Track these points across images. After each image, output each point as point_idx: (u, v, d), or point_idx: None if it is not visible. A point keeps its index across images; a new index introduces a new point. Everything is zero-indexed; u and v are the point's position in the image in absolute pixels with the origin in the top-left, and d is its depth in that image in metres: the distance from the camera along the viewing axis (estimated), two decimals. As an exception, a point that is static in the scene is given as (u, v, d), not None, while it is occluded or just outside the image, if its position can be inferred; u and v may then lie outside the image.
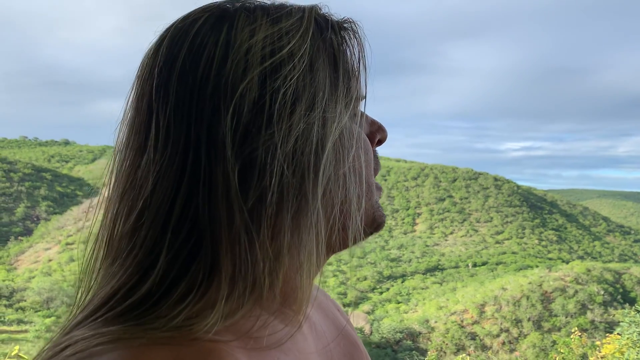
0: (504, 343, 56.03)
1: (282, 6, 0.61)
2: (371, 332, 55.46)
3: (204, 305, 0.51)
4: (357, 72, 0.63)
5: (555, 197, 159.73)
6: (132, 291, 0.53)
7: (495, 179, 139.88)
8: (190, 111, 0.53)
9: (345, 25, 0.64)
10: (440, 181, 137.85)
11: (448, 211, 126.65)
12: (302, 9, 0.61)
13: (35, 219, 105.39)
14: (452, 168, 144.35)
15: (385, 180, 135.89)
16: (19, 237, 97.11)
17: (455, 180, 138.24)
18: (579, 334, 7.46)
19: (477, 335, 58.00)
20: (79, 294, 0.58)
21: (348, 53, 0.62)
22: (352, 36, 0.64)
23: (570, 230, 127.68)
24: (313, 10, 0.62)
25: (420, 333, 57.10)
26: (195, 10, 0.60)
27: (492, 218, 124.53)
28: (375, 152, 0.70)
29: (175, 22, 0.60)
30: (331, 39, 0.61)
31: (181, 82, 0.54)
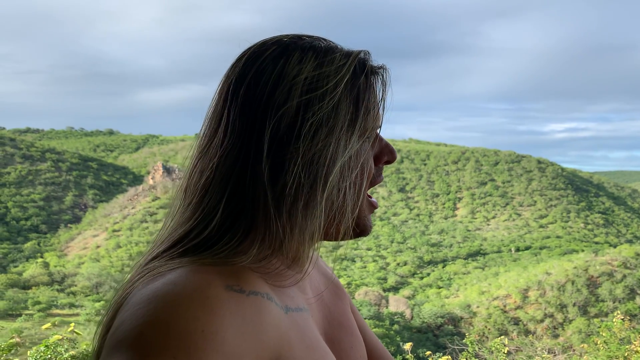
0: (548, 328, 55.09)
1: (330, 50, 0.83)
2: (412, 317, 55.40)
3: (242, 250, 0.77)
4: (375, 111, 0.85)
5: (602, 179, 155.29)
6: (193, 237, 0.78)
7: (539, 162, 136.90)
8: (249, 115, 0.78)
9: (377, 70, 0.86)
10: (482, 165, 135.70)
11: (490, 195, 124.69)
12: (347, 56, 0.83)
13: (83, 207, 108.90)
14: (493, 151, 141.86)
15: (425, 164, 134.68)
16: (69, 225, 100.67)
17: (497, 163, 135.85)
18: (622, 317, 7.34)
19: (520, 320, 57.24)
20: (159, 235, 0.84)
21: (372, 96, 0.85)
22: (379, 81, 0.86)
23: (618, 214, 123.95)
24: (355, 60, 0.83)
25: (462, 318, 56.73)
26: (272, 40, 0.84)
27: (535, 202, 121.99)
28: (380, 169, 0.92)
29: (256, 44, 0.84)
30: (360, 85, 0.82)
31: (247, 92, 0.79)
